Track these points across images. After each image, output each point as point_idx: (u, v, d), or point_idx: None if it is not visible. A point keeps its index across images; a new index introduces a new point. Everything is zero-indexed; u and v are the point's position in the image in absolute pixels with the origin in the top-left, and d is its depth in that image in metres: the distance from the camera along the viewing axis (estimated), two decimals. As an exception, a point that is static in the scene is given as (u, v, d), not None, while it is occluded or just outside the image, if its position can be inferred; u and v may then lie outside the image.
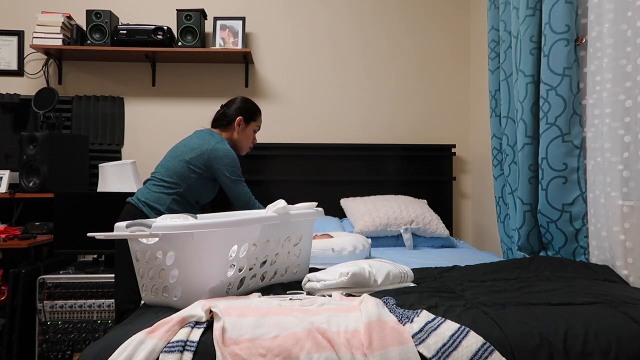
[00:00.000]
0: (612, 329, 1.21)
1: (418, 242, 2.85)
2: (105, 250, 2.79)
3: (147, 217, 2.04)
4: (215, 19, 3.28)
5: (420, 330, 1.17)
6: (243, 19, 3.28)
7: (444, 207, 3.37)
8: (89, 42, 3.15)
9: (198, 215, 1.71)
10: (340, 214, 3.26)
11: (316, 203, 1.79)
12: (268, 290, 1.56)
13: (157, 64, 3.41)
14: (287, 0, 3.47)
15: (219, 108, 2.40)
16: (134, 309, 1.97)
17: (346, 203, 3.15)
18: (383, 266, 1.63)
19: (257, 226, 1.51)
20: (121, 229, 1.47)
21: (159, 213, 2.07)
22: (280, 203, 1.61)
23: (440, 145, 3.42)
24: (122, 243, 2.02)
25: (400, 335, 1.14)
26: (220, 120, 2.32)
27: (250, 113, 2.33)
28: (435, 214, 2.98)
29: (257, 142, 3.36)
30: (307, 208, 1.72)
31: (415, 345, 1.13)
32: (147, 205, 2.11)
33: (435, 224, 2.86)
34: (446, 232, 2.87)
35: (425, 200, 3.19)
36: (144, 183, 2.22)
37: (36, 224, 2.91)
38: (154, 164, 3.17)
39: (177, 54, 3.18)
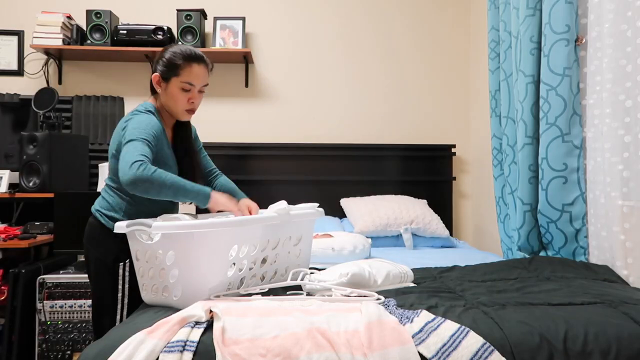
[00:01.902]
0: (612, 329, 1.21)
1: (418, 242, 2.85)
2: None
3: (107, 228, 1.71)
4: (215, 19, 3.28)
5: (420, 331, 1.17)
6: (243, 19, 3.28)
7: (443, 207, 3.37)
8: (89, 42, 3.14)
9: (199, 215, 1.71)
10: (340, 214, 3.26)
11: (317, 204, 1.78)
12: (268, 290, 1.56)
13: (157, 64, 3.40)
14: (287, 0, 3.47)
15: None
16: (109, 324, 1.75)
17: (346, 203, 3.15)
18: (383, 266, 1.63)
19: (258, 226, 1.51)
20: (121, 228, 1.47)
21: (116, 221, 1.65)
22: (282, 204, 1.61)
23: (440, 145, 3.41)
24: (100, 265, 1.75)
25: (400, 335, 1.14)
26: (150, 84, 1.80)
27: (170, 65, 1.72)
28: (435, 214, 2.98)
29: (258, 142, 3.37)
30: (308, 209, 1.72)
31: (415, 345, 1.13)
32: (102, 214, 1.74)
33: (435, 224, 2.86)
34: (446, 232, 2.87)
35: (425, 200, 3.19)
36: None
37: (36, 224, 2.91)
38: (154, 164, 3.16)
39: (177, 54, 3.17)
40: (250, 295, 1.45)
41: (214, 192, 1.60)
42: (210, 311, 1.21)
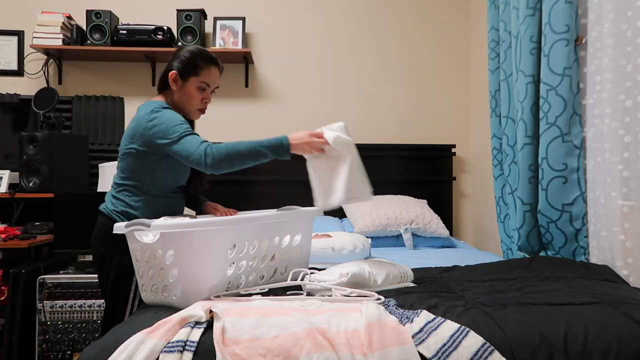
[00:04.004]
0: (612, 329, 1.21)
1: (418, 242, 2.84)
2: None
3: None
4: (215, 19, 3.28)
5: (420, 331, 1.17)
6: (243, 19, 3.28)
7: (444, 207, 3.37)
8: (89, 42, 3.15)
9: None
10: (340, 214, 3.26)
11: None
12: (268, 290, 1.56)
13: (157, 64, 3.41)
14: (287, 0, 3.47)
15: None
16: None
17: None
18: (383, 266, 1.63)
19: (257, 225, 1.51)
20: (120, 229, 1.47)
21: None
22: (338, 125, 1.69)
23: (440, 145, 3.41)
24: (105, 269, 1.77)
25: (400, 335, 1.14)
26: (161, 81, 1.83)
27: (189, 65, 1.76)
28: (435, 214, 2.98)
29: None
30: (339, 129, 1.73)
31: (415, 345, 1.13)
32: (119, 213, 1.74)
33: (435, 224, 2.86)
34: (446, 232, 2.87)
35: (425, 200, 3.18)
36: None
37: (36, 224, 2.91)
38: (154, 164, 3.16)
39: (177, 54, 3.18)
40: (250, 295, 1.45)
41: (291, 136, 1.62)
42: (210, 311, 1.21)
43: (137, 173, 1.73)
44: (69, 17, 3.20)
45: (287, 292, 1.52)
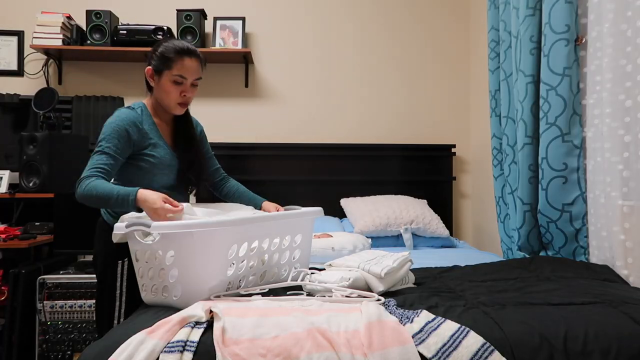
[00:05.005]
0: (612, 329, 1.21)
1: (418, 242, 2.85)
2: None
3: (108, 224, 1.78)
4: (215, 19, 3.28)
5: (421, 331, 1.17)
6: (243, 19, 3.28)
7: (444, 207, 3.37)
8: (89, 42, 3.15)
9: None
10: (340, 214, 3.26)
11: (320, 208, 1.78)
12: (268, 290, 1.56)
13: (157, 64, 3.40)
14: (287, 1, 3.47)
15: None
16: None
17: (346, 203, 3.15)
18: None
19: (257, 225, 1.51)
20: (121, 228, 1.46)
21: (113, 216, 1.79)
22: None
23: (440, 145, 3.42)
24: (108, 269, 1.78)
25: (401, 335, 1.14)
26: (145, 80, 1.82)
27: (161, 59, 1.72)
28: (435, 214, 2.98)
29: (258, 142, 3.37)
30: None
31: (416, 345, 1.13)
32: (105, 210, 1.83)
33: (435, 224, 2.86)
34: (446, 232, 2.87)
35: (425, 200, 3.18)
36: None
37: (36, 224, 2.90)
38: (154, 164, 3.16)
39: (177, 54, 3.18)
40: (250, 295, 1.45)
41: (140, 192, 1.52)
42: (211, 311, 1.21)
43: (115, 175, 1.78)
44: (69, 17, 3.20)
45: (287, 292, 1.52)
